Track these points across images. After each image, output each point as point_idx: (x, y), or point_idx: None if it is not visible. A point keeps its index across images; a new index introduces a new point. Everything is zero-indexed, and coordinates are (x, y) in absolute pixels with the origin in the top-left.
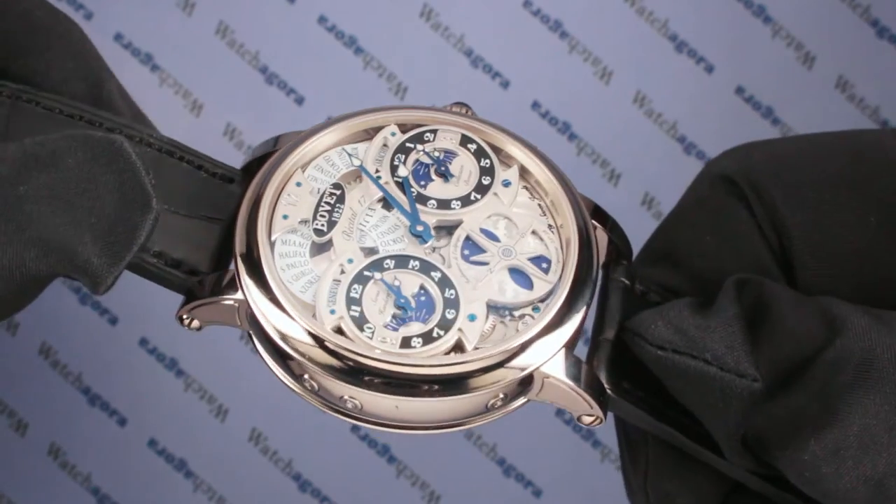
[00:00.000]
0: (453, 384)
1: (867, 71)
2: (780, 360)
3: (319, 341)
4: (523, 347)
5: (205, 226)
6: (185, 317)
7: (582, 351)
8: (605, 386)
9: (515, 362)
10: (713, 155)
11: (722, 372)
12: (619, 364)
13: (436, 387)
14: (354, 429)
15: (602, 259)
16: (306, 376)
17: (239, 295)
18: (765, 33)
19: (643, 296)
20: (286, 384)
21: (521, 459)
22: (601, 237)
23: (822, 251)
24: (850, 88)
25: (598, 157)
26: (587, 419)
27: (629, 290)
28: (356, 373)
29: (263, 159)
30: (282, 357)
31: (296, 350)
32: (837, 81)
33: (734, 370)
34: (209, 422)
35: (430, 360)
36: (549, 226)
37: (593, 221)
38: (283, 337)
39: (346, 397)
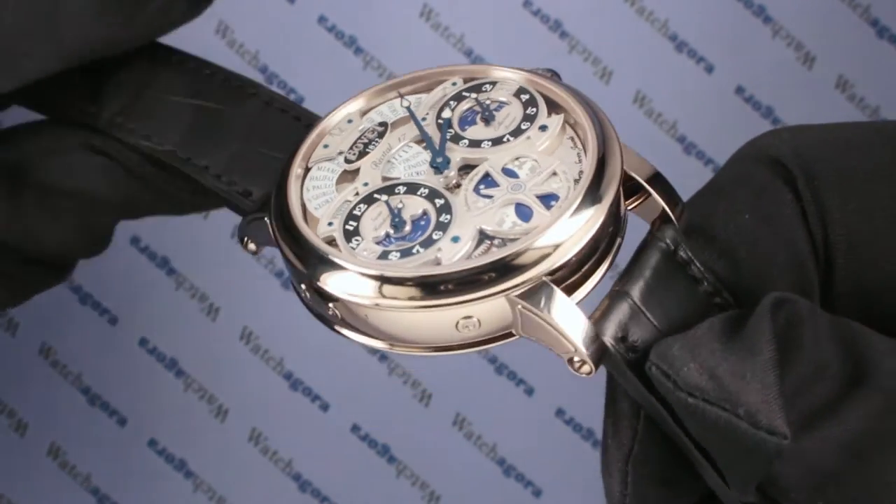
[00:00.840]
0: (418, 288)
1: (867, 71)
2: (809, 408)
3: (310, 247)
4: (495, 266)
5: (277, 163)
6: (244, 238)
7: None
8: (607, 337)
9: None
10: (713, 155)
11: (754, 429)
12: (626, 322)
13: (392, 290)
14: (354, 429)
15: (651, 216)
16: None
17: (264, 212)
18: (765, 33)
19: (684, 266)
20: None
21: (521, 459)
22: (652, 203)
23: (868, 251)
24: (850, 88)
25: None
26: (575, 362)
27: (670, 254)
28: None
29: None
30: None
31: (285, 255)
32: (837, 81)
33: (766, 428)
34: (209, 422)
35: (396, 266)
36: (580, 172)
37: (647, 185)
38: (281, 239)
39: (330, 305)
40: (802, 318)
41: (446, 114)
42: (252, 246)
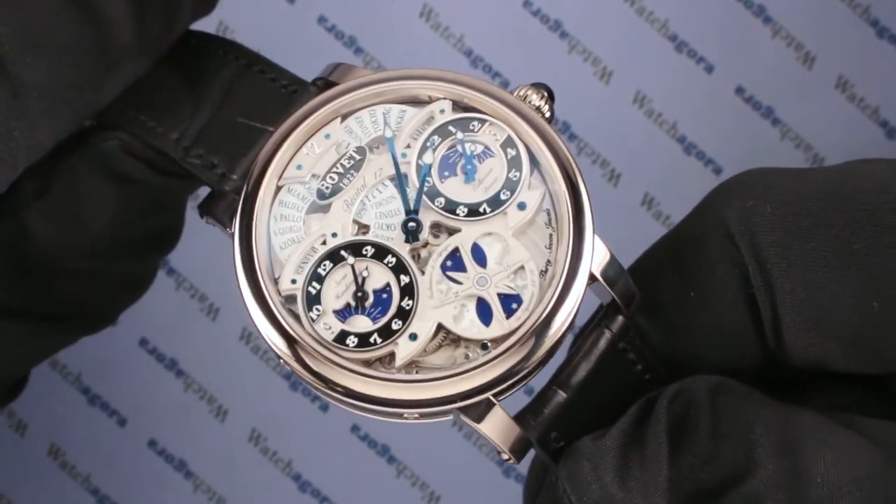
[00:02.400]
0: (357, 397)
1: (867, 71)
2: (694, 496)
3: (266, 306)
4: (446, 399)
5: (256, 133)
6: (203, 214)
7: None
8: (532, 438)
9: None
10: (713, 155)
11: None
12: (555, 418)
13: (340, 391)
14: (354, 429)
15: (603, 296)
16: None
17: (232, 223)
18: (765, 33)
19: (624, 352)
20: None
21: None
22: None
23: (818, 330)
24: (850, 88)
25: (598, 157)
26: (502, 455)
27: (614, 343)
28: (285, 335)
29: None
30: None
31: (246, 295)
32: (837, 81)
33: None
34: (209, 422)
35: (348, 363)
36: (548, 262)
37: (607, 286)
38: (245, 280)
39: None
40: (700, 406)
41: (427, 157)
42: (209, 221)
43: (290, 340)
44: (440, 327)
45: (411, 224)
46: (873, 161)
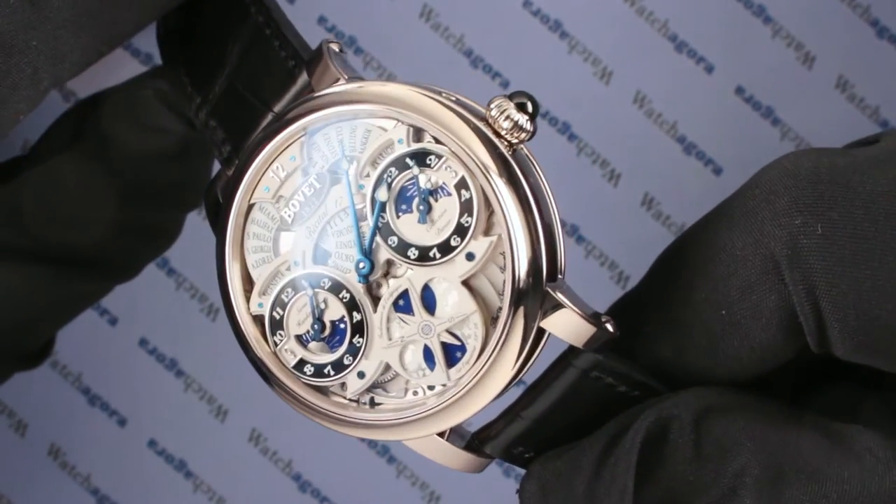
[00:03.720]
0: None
1: (867, 71)
2: None
3: (236, 325)
4: (380, 438)
5: (256, 113)
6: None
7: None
8: (492, 454)
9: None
10: (713, 155)
11: None
12: (516, 440)
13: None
14: None
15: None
16: None
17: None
18: (765, 33)
19: (597, 380)
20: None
21: None
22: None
23: (867, 350)
24: (850, 88)
25: (598, 157)
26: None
27: (585, 374)
28: (246, 351)
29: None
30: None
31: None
32: (837, 81)
33: None
34: (209, 422)
35: (303, 390)
36: (499, 308)
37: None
38: (222, 288)
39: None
40: (684, 430)
41: (381, 193)
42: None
43: (256, 361)
44: (387, 367)
45: (362, 266)
46: None
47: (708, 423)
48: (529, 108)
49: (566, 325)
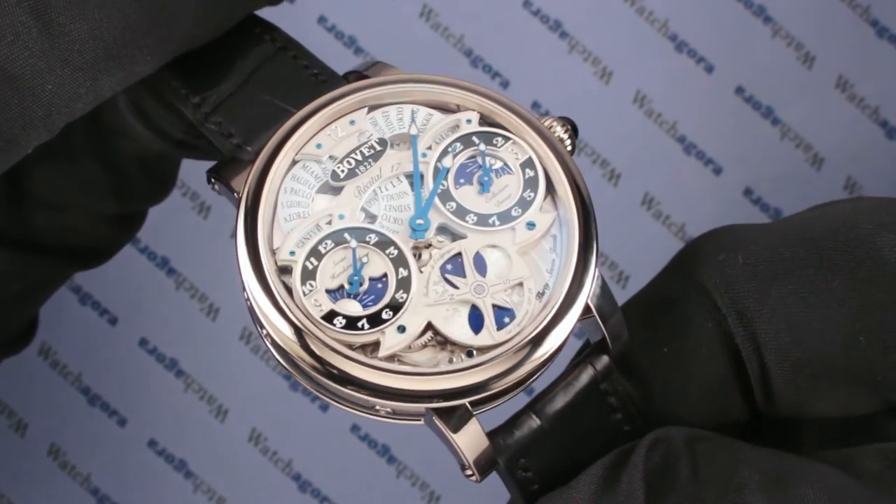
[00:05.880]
0: (333, 377)
1: (867, 71)
2: None
3: (260, 271)
4: (425, 394)
5: (278, 112)
6: (212, 178)
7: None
8: (499, 458)
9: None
10: (713, 155)
11: None
12: (526, 444)
13: (319, 368)
14: (354, 429)
15: (591, 334)
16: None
17: (239, 185)
18: (765, 33)
19: (604, 395)
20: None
21: None
22: (596, 325)
23: (805, 372)
24: (850, 88)
25: (598, 157)
26: (466, 471)
27: (596, 383)
28: (274, 303)
29: (364, 77)
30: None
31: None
32: (837, 81)
33: None
34: (209, 422)
35: (331, 341)
36: (546, 286)
37: (600, 320)
38: (243, 242)
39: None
40: (678, 454)
41: (447, 161)
42: (217, 187)
43: (279, 309)
44: (429, 326)
45: (419, 221)
46: (835, 203)
47: (699, 445)
48: (570, 128)
49: (610, 303)
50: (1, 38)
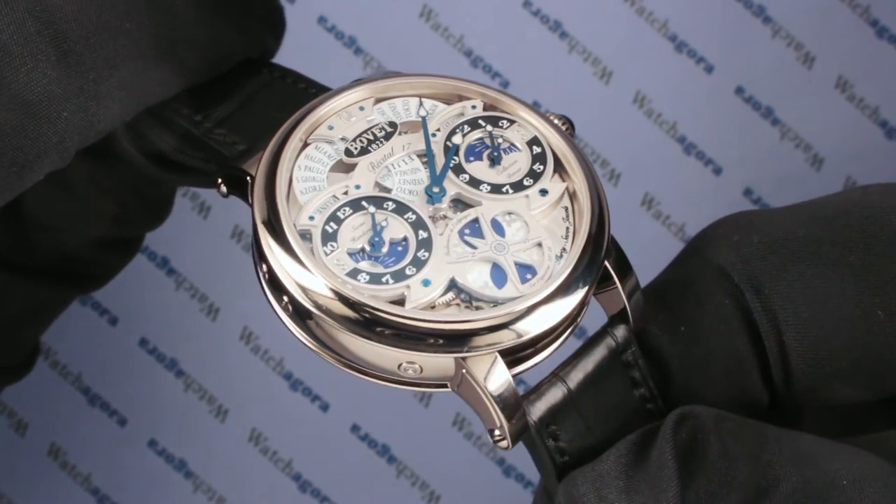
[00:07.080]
0: (368, 324)
1: (867, 71)
2: None
3: (282, 235)
4: (452, 334)
5: (282, 121)
6: (219, 179)
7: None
8: (532, 419)
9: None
10: (713, 155)
11: None
12: (556, 410)
13: (352, 317)
14: (354, 429)
15: (610, 307)
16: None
17: (252, 169)
18: (765, 33)
19: (627, 367)
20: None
21: (520, 459)
22: (616, 297)
23: (823, 351)
24: (850, 88)
25: (598, 157)
26: (496, 434)
27: (617, 353)
28: (296, 260)
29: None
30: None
31: (259, 232)
32: (837, 81)
33: None
34: (209, 422)
35: (356, 295)
36: (563, 249)
37: (619, 284)
38: (261, 206)
39: (284, 298)
40: (707, 430)
41: (456, 139)
42: (224, 189)
43: (304, 267)
44: (453, 282)
45: (436, 189)
46: (844, 191)
47: (725, 423)
48: (568, 124)
49: (626, 265)
50: (21, 65)
